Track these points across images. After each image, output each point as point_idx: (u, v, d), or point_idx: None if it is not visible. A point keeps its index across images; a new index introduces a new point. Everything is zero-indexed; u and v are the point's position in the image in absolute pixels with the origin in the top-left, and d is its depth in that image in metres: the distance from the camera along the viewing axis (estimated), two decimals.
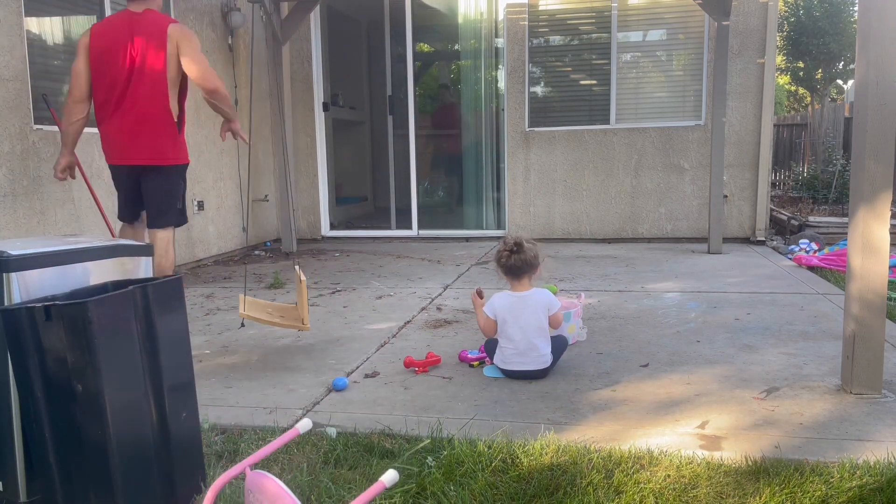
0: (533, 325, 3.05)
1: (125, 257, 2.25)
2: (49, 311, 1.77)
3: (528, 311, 3.07)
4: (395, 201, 8.35)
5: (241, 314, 3.42)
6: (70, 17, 5.13)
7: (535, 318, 3.06)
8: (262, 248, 7.37)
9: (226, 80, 6.82)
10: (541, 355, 3.06)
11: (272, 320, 3.44)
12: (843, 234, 6.84)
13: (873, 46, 2.62)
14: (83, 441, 1.82)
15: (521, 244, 3.07)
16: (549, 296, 3.14)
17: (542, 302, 3.09)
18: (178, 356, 2.04)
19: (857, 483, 2.05)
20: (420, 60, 10.60)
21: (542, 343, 3.07)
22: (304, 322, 3.40)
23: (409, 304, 4.61)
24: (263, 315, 3.47)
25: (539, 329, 3.06)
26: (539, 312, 3.07)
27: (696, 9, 6.83)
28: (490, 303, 3.16)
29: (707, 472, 2.15)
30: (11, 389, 1.93)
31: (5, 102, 4.39)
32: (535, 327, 3.05)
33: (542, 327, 3.07)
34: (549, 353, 3.09)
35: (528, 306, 3.08)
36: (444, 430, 2.51)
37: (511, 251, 3.07)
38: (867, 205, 2.69)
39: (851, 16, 17.72)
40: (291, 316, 3.51)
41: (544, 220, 7.51)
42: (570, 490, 2.07)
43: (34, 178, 4.62)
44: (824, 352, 3.37)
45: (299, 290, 3.45)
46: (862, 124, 2.69)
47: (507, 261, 3.08)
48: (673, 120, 7.22)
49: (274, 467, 2.27)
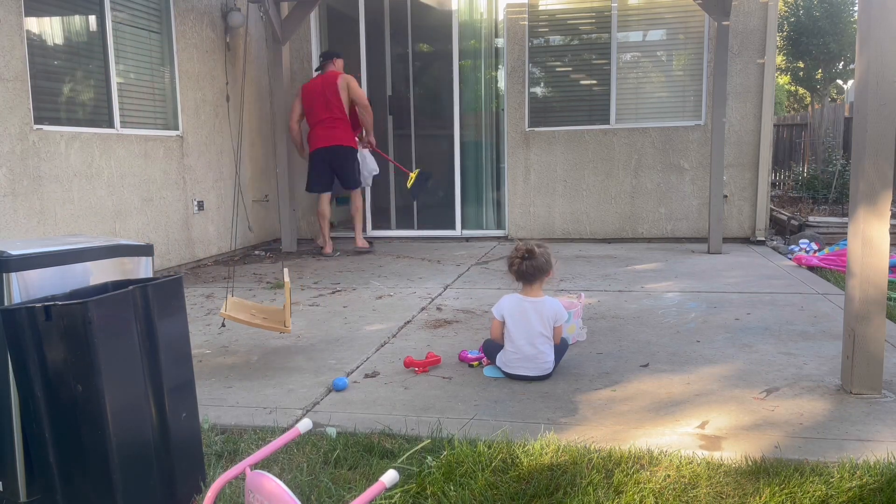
0: (538, 332, 3.04)
1: (125, 257, 2.25)
2: (49, 311, 1.77)
3: (536, 317, 3.06)
4: (396, 201, 8.35)
5: (222, 314, 3.40)
6: (70, 17, 5.13)
7: (542, 326, 3.05)
8: (262, 247, 7.38)
9: (225, 80, 6.83)
10: (544, 362, 3.06)
11: (253, 321, 3.42)
12: (843, 234, 6.84)
13: (873, 46, 2.62)
14: (83, 441, 1.82)
15: (532, 251, 3.09)
16: (559, 307, 3.12)
17: (550, 310, 3.08)
18: (177, 356, 2.04)
19: (857, 483, 2.05)
20: (420, 60, 10.60)
21: (547, 349, 3.06)
22: (286, 325, 3.37)
23: (409, 304, 4.61)
24: (245, 316, 3.44)
25: (545, 337, 3.06)
26: (547, 321, 3.06)
27: (696, 9, 6.83)
28: (499, 304, 3.16)
29: (707, 472, 2.15)
30: (11, 389, 1.93)
31: (5, 102, 4.39)
32: (541, 334, 3.05)
33: (548, 336, 3.07)
34: (553, 360, 3.09)
35: (536, 312, 3.07)
36: (444, 430, 2.51)
37: (523, 258, 3.09)
38: (867, 204, 2.69)
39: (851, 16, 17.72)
40: (274, 318, 3.48)
41: (544, 219, 7.51)
42: (570, 490, 2.07)
43: (34, 178, 4.62)
44: (824, 352, 3.37)
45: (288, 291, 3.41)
46: (862, 124, 2.70)
47: (518, 267, 3.10)
48: (673, 120, 7.22)
49: (274, 467, 2.27)
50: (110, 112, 5.38)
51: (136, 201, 5.57)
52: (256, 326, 3.46)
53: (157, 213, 5.83)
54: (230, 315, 3.37)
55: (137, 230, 5.58)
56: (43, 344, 1.80)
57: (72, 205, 4.94)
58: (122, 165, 5.41)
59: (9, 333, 1.84)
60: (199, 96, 6.42)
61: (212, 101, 6.60)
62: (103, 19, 5.31)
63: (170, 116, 6.12)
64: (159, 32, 6.01)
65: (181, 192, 6.13)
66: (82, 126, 5.12)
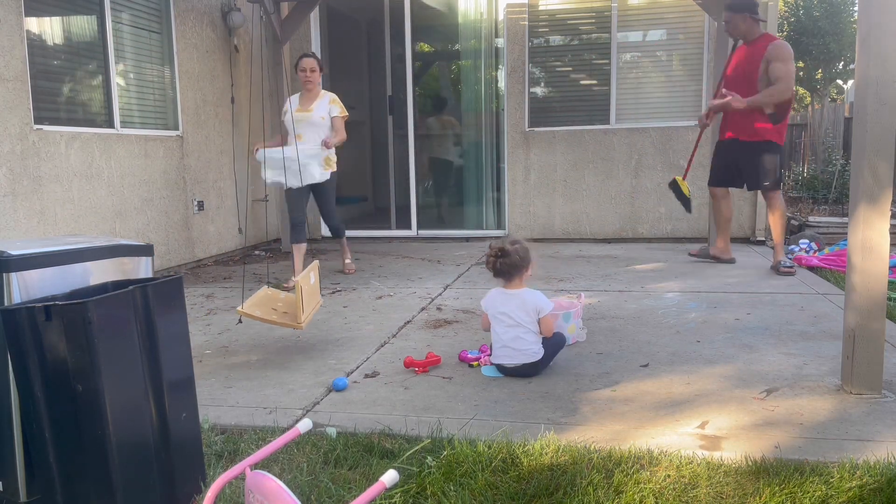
0: (517, 318, 3.10)
1: (125, 257, 2.25)
2: (49, 311, 1.77)
3: (514, 304, 3.13)
4: (395, 201, 8.35)
5: (239, 311, 3.39)
6: (70, 17, 5.13)
7: (520, 312, 3.11)
8: (262, 247, 7.38)
9: (225, 80, 6.83)
10: (526, 349, 3.07)
11: (269, 318, 3.42)
12: (842, 234, 6.83)
13: (873, 45, 2.62)
14: (83, 441, 1.82)
15: (504, 249, 3.19)
16: (540, 298, 3.17)
17: (530, 301, 3.14)
18: (177, 356, 2.04)
19: (857, 483, 2.05)
20: (420, 60, 10.60)
21: (528, 336, 3.09)
22: (299, 320, 3.38)
23: (409, 304, 4.61)
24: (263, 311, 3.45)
25: (523, 326, 3.09)
26: (526, 308, 3.12)
27: (696, 9, 6.83)
28: (485, 297, 3.28)
29: (707, 472, 2.15)
30: (11, 389, 1.92)
31: (5, 102, 4.39)
32: (519, 320, 3.10)
33: (528, 322, 3.10)
34: (539, 348, 3.10)
35: (514, 300, 3.14)
36: (444, 430, 2.51)
37: (496, 256, 3.20)
38: (867, 204, 2.69)
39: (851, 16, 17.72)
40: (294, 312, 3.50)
41: (544, 219, 7.51)
42: (570, 490, 2.07)
43: (34, 178, 4.62)
44: (824, 352, 3.37)
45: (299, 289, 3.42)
46: (862, 124, 2.69)
47: (493, 265, 3.21)
48: (673, 120, 7.21)
49: (274, 467, 2.27)
50: (110, 112, 5.38)
51: (136, 201, 5.57)
52: (272, 323, 3.47)
53: (157, 213, 5.83)
54: (246, 312, 3.37)
55: (137, 230, 5.58)
56: (43, 344, 1.80)
57: (72, 205, 4.94)
58: (122, 165, 5.41)
59: (9, 333, 1.83)
60: (200, 96, 6.42)
61: (212, 101, 6.60)
62: (103, 19, 5.32)
63: (170, 116, 6.12)
64: (159, 32, 6.01)
65: (181, 192, 6.13)
66: (82, 126, 5.12)
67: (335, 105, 5.38)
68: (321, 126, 5.30)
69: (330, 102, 5.37)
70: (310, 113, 5.30)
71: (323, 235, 7.98)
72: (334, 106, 5.37)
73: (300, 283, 3.40)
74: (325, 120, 5.32)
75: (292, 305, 3.56)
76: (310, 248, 7.27)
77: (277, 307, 3.57)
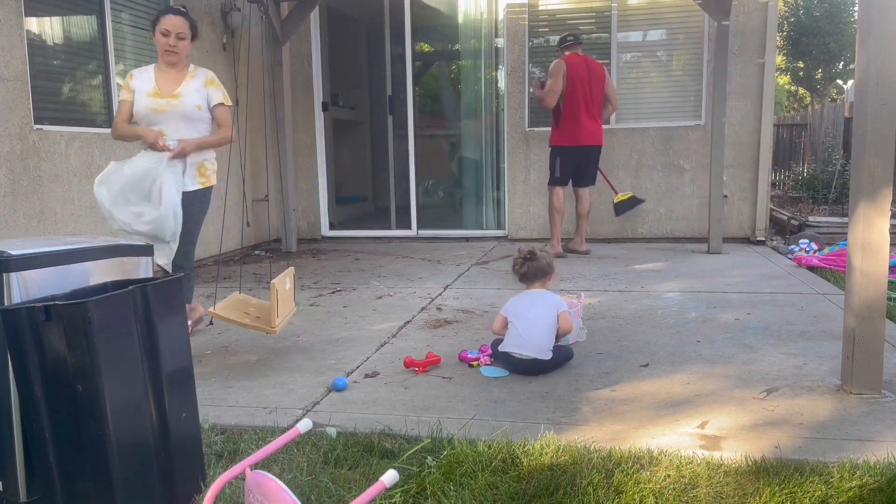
0: (540, 317, 3.17)
1: (125, 257, 2.25)
2: (49, 311, 1.77)
3: (539, 304, 3.22)
4: (395, 201, 8.35)
5: (211, 312, 3.34)
6: (70, 17, 5.13)
7: (544, 311, 3.19)
8: (262, 247, 7.38)
9: (225, 80, 6.81)
10: (541, 344, 3.11)
11: (242, 321, 3.38)
12: (842, 234, 6.83)
13: (873, 46, 2.62)
14: (83, 441, 1.82)
15: (534, 252, 3.32)
16: (559, 298, 3.31)
17: (552, 301, 3.24)
18: (177, 356, 2.04)
19: (857, 483, 2.05)
20: (420, 60, 10.60)
21: (546, 333, 3.13)
22: (273, 324, 3.33)
23: (409, 304, 4.61)
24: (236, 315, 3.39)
25: (545, 322, 3.16)
26: (550, 309, 3.20)
27: (696, 9, 6.83)
28: (505, 304, 3.33)
29: (707, 472, 2.15)
30: (11, 389, 1.93)
31: (5, 102, 4.39)
32: (541, 319, 3.16)
33: (550, 323, 3.17)
34: (550, 348, 3.13)
35: (538, 301, 3.24)
36: (444, 430, 2.51)
37: (525, 259, 3.31)
38: (867, 204, 2.69)
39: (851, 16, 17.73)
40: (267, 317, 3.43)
41: (544, 219, 7.49)
42: (570, 490, 2.07)
43: (34, 178, 4.62)
44: (824, 352, 3.37)
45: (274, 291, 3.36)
46: (862, 123, 2.69)
47: (521, 268, 3.32)
48: (673, 120, 7.21)
49: (274, 467, 2.27)
50: (110, 112, 5.37)
51: None
52: (245, 326, 3.43)
53: None
54: (219, 314, 3.34)
55: None
56: (43, 344, 1.80)
57: (72, 205, 4.94)
58: None
59: (9, 333, 1.84)
60: None
61: None
62: (103, 19, 5.31)
63: None
64: None
65: None
66: (82, 126, 5.11)
67: (215, 89, 3.76)
68: (196, 120, 3.69)
69: (206, 84, 3.74)
70: (177, 100, 3.64)
71: (323, 235, 7.99)
72: (214, 90, 3.75)
73: (276, 285, 3.33)
74: (201, 111, 3.69)
75: (265, 311, 3.51)
76: (309, 249, 7.28)
77: (250, 311, 3.52)
